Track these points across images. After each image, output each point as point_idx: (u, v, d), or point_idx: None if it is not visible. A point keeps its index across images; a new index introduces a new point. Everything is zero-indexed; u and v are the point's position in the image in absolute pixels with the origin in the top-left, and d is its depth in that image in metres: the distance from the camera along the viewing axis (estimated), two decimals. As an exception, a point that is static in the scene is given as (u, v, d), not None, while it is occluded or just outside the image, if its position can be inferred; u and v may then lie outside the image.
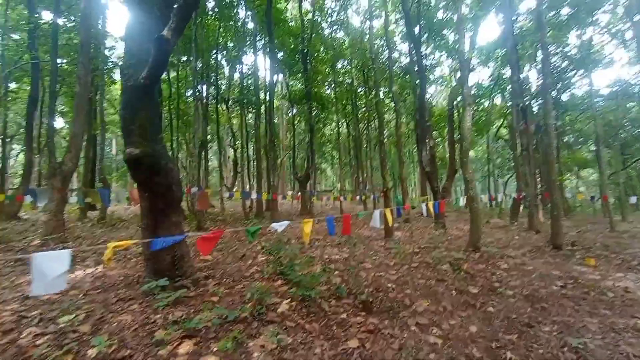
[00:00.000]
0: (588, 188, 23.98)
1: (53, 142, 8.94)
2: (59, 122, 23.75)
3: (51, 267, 2.57)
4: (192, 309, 3.39)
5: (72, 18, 13.02)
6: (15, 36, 14.53)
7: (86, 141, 13.84)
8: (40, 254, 2.58)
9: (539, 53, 11.35)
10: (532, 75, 17.19)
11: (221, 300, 3.69)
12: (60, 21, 12.23)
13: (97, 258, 5.94)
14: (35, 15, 12.21)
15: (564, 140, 18.66)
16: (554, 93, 15.61)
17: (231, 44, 17.86)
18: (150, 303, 3.50)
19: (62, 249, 5.16)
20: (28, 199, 8.04)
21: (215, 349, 2.59)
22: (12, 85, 16.72)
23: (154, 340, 2.70)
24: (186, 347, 2.61)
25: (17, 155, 26.45)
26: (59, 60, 11.82)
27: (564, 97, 17.00)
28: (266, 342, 2.70)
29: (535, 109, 15.91)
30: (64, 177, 7.81)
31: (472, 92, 17.15)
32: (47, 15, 13.38)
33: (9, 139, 17.74)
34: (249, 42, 17.06)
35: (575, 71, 15.95)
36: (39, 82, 13.63)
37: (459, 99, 14.97)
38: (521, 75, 12.38)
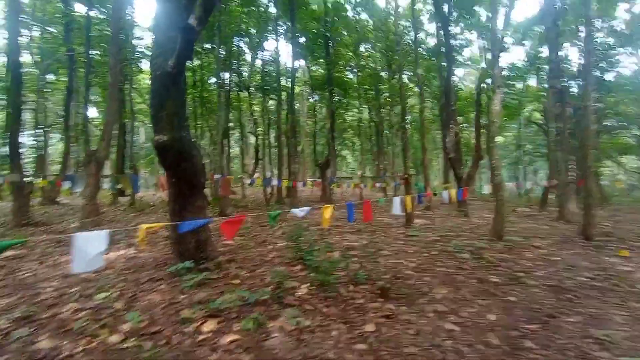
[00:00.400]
0: (629, 176, 22.31)
1: (88, 130, 9.48)
2: (93, 112, 25.02)
3: (91, 246, 2.79)
4: (216, 290, 3.57)
5: (103, 10, 13.50)
6: (51, 29, 15.29)
7: (117, 129, 14.54)
8: (81, 234, 2.80)
9: (582, 29, 10.44)
10: (572, 54, 15.96)
11: (242, 283, 3.85)
12: (92, 13, 12.71)
13: (128, 241, 6.35)
14: (69, 9, 12.77)
15: (605, 124, 17.31)
16: (596, 73, 14.43)
17: (253, 30, 17.84)
18: (177, 284, 3.72)
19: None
20: (66, 184, 8.65)
21: (237, 329, 2.73)
22: (50, 77, 17.72)
23: (180, 318, 2.89)
24: (210, 325, 2.78)
25: (55, 144, 28.27)
26: (91, 52, 12.36)
27: (609, 77, 15.64)
28: (285, 324, 2.81)
29: (574, 90, 14.82)
30: (98, 164, 8.31)
31: (504, 73, 16.20)
32: (80, 8, 13.95)
33: (48, 128, 18.94)
34: (270, 28, 16.96)
35: (622, 48, 14.60)
36: (74, 73, 14.37)
37: (488, 81, 14.22)
38: (560, 54, 11.49)
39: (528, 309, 3.23)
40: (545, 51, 14.53)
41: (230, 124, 20.88)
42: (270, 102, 21.29)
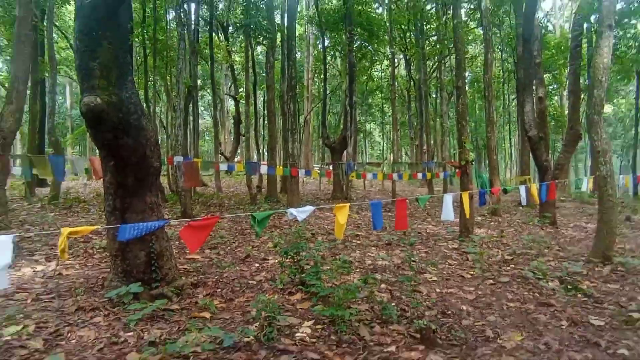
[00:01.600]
0: None
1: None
2: (-4, 62, 25.25)
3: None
4: (176, 326, 3.62)
5: None
6: None
7: (31, 88, 14.66)
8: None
9: None
10: None
11: (215, 317, 3.90)
12: None
13: (49, 252, 6.44)
14: None
15: None
16: None
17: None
18: (118, 315, 3.78)
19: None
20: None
21: (206, 384, 2.76)
22: None
23: (125, 366, 2.93)
24: (168, 378, 2.81)
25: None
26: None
27: None
28: (278, 379, 2.83)
29: None
30: (4, 139, 8.40)
31: (618, 6, 15.75)
32: None
33: None
34: None
35: None
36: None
37: (592, 18, 13.85)
38: None
39: (649, 368, 3.18)
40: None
41: (199, 82, 20.89)
42: (259, 49, 21.17)
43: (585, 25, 15.65)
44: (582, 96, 15.60)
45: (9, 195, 10.87)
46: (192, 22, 15.19)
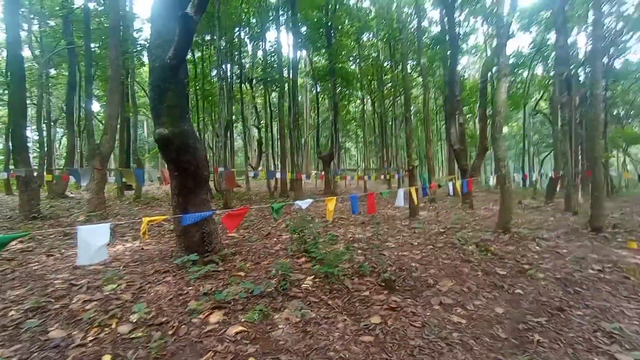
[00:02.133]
0: (638, 167, 21.98)
1: (91, 125, 9.48)
2: (96, 106, 25.00)
3: (95, 239, 2.79)
4: (221, 282, 3.59)
5: (102, 1, 13.33)
6: (51, 23, 15.19)
7: (120, 123, 14.51)
8: (84, 227, 2.81)
9: (590, 14, 10.22)
10: (580, 40, 15.64)
11: (247, 275, 3.87)
12: (91, 5, 12.59)
13: (134, 234, 6.39)
14: (68, 1, 12.64)
15: (614, 113, 16.99)
16: (604, 59, 14.10)
17: (254, 20, 17.60)
18: (182, 276, 3.74)
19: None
20: (72, 178, 8.69)
21: (242, 320, 2.74)
22: (52, 72, 17.69)
23: (187, 309, 2.91)
24: (216, 316, 2.80)
25: (61, 138, 28.44)
26: (91, 45, 12.29)
27: (617, 63, 15.35)
28: (290, 316, 2.82)
29: (581, 78, 14.54)
30: (102, 158, 8.33)
31: (510, 61, 15.90)
32: (78, 1, 13.80)
33: (52, 123, 19.01)
34: (271, 17, 16.72)
35: (631, 34, 14.24)
36: (75, 67, 14.31)
37: (494, 69, 13.97)
38: (568, 40, 11.21)
39: (535, 302, 3.21)
40: (552, 37, 14.22)
41: (233, 117, 20.83)
42: (273, 94, 21.14)
43: (489, 74, 15.79)
44: (488, 121, 15.70)
45: (107, 196, 10.77)
46: (228, 77, 15.12)
